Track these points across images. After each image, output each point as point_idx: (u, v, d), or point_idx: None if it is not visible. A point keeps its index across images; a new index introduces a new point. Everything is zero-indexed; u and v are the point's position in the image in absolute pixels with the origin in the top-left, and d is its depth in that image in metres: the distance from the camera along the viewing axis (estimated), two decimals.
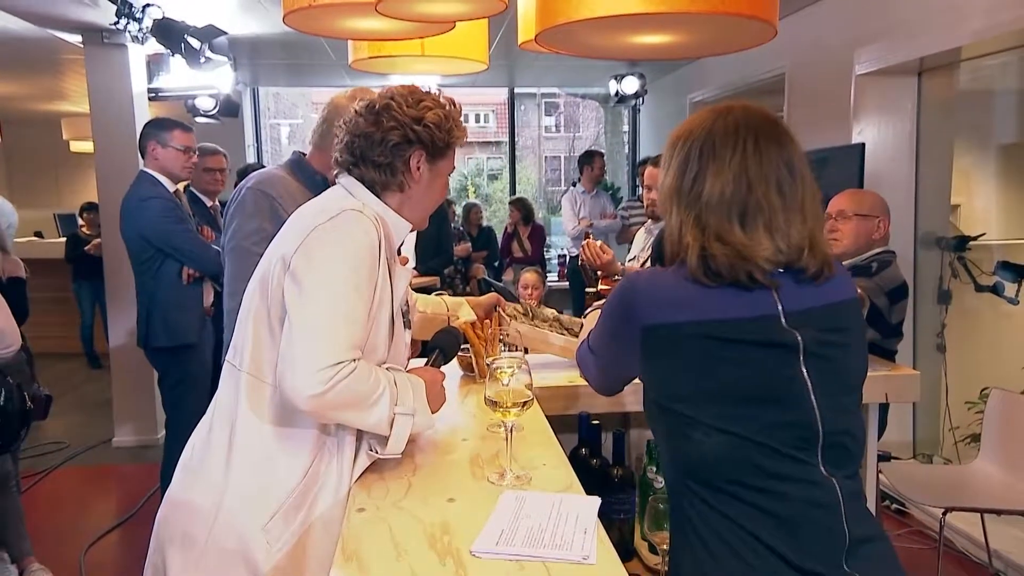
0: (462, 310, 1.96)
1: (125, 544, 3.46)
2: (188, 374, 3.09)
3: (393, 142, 1.36)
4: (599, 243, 2.99)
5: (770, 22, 1.86)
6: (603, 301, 1.58)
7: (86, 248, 6.24)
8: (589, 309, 1.67)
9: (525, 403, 1.30)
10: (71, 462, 4.42)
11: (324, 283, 1.24)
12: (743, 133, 1.10)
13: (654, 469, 1.87)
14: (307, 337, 1.20)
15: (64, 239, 6.72)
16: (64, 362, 6.55)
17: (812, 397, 1.07)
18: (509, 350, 1.73)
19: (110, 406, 4.76)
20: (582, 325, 2.01)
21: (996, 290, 3.53)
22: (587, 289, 2.58)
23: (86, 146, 7.59)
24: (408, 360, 1.51)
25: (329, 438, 1.32)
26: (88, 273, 6.13)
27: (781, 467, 1.05)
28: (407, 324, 1.48)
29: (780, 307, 1.08)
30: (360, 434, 1.34)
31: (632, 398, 1.96)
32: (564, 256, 6.65)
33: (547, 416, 1.68)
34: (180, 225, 3.05)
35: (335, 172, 1.44)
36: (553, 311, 2.18)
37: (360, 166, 1.39)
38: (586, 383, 1.98)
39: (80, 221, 6.80)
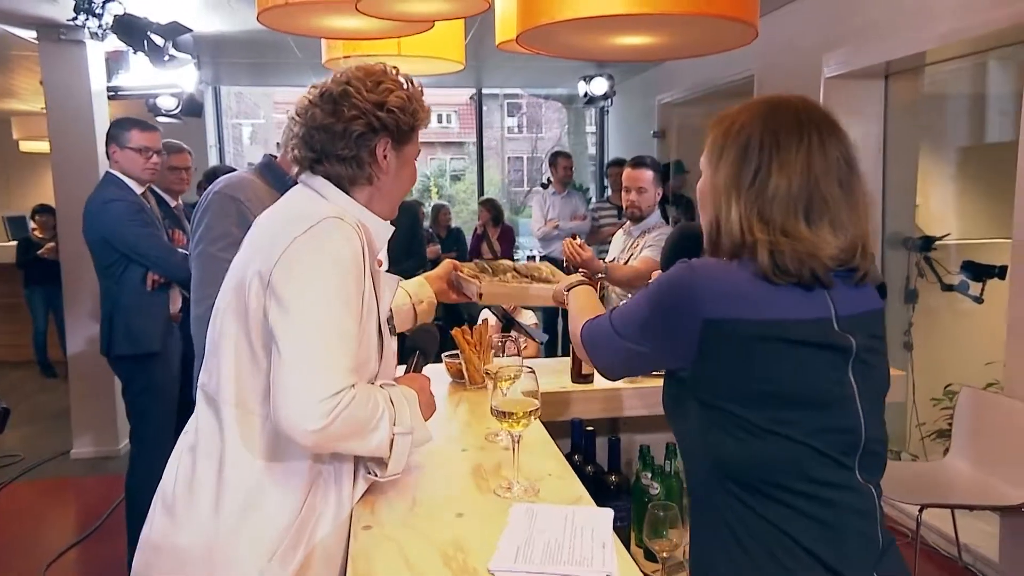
0: (422, 291, 1.85)
1: (88, 560, 3.33)
2: (153, 383, 2.98)
3: (357, 132, 1.24)
4: (579, 242, 2.97)
5: (751, 24, 1.87)
6: (581, 277, 1.59)
7: (39, 252, 6.01)
8: (570, 284, 1.56)
9: (532, 412, 1.26)
10: (27, 475, 4.24)
11: (313, 303, 1.13)
12: (807, 126, 1.05)
13: (648, 475, 1.86)
14: (302, 366, 1.10)
15: (15, 243, 6.47)
16: (16, 371, 6.31)
17: (858, 403, 1.05)
18: (503, 355, 1.70)
19: (67, 416, 4.58)
20: (539, 270, 2.00)
21: (961, 289, 3.62)
22: None
23: (37, 146, 7.34)
24: (395, 368, 1.44)
25: (325, 467, 1.23)
26: (41, 278, 5.91)
27: (827, 473, 1.04)
28: (392, 331, 1.41)
29: (833, 310, 1.05)
30: (357, 458, 1.26)
31: (630, 403, 1.95)
32: (533, 257, 6.64)
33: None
34: (145, 229, 2.94)
35: (295, 171, 1.33)
36: (508, 261, 2.12)
37: (324, 162, 1.27)
38: (577, 388, 1.95)
39: (32, 224, 6.55)
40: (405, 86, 1.29)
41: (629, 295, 3.01)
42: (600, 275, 2.91)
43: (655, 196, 3.09)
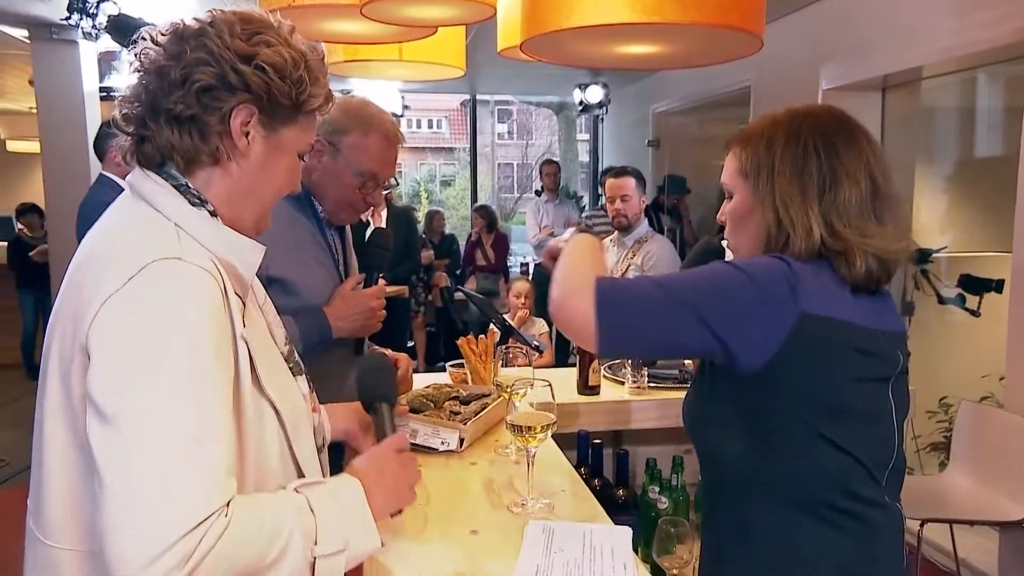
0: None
1: None
2: None
3: (201, 83, 0.88)
4: None
5: (756, 35, 1.87)
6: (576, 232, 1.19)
7: (31, 255, 5.91)
8: (571, 232, 1.21)
9: (549, 426, 1.23)
10: (12, 481, 4.16)
11: (143, 401, 0.77)
12: (854, 127, 1.04)
13: (656, 489, 1.84)
14: (134, 500, 0.75)
15: (5, 243, 6.36)
16: (1, 373, 6.20)
17: (894, 419, 1.03)
18: (507, 365, 1.67)
19: None
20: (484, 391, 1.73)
21: (957, 302, 3.63)
22: None
23: (25, 146, 7.25)
24: (316, 414, 1.07)
25: None
26: (33, 281, 5.80)
27: (866, 490, 1.01)
28: (296, 369, 1.04)
29: (899, 321, 1.05)
30: None
31: (638, 415, 1.92)
32: (527, 264, 6.63)
33: None
34: None
35: (123, 151, 0.94)
36: (447, 387, 1.80)
37: (151, 125, 0.89)
38: (583, 400, 1.81)
39: (18, 224, 6.45)
40: (297, 47, 0.94)
41: None
42: None
43: (639, 203, 3.10)
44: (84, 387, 0.80)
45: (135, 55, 0.91)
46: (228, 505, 0.78)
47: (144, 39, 0.91)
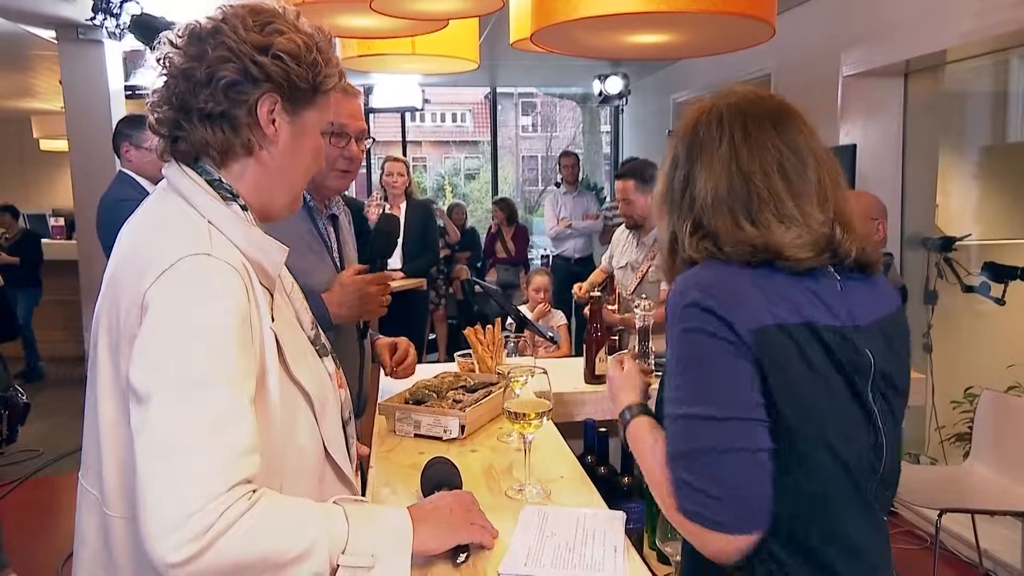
0: None
1: None
2: None
3: (226, 80, 0.92)
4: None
5: (768, 22, 1.85)
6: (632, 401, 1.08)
7: None
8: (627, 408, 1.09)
9: (544, 413, 1.25)
10: (45, 471, 4.28)
11: (171, 382, 0.83)
12: (727, 122, 0.98)
13: None
14: (158, 474, 0.80)
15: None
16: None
17: (880, 427, 0.94)
18: (519, 355, 1.69)
19: (82, 413, 4.63)
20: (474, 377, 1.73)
21: (982, 291, 3.56)
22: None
23: (57, 144, 7.42)
24: (343, 390, 1.13)
25: None
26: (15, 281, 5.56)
27: (856, 513, 0.94)
28: (322, 351, 1.09)
29: (848, 313, 0.94)
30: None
31: None
32: (547, 257, 6.63)
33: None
34: None
35: (158, 150, 0.99)
36: (449, 375, 1.82)
37: (185, 126, 0.94)
38: (589, 389, 1.90)
39: None
40: (305, 32, 0.97)
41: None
42: (620, 328, 2.87)
43: (644, 202, 3.07)
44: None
45: (157, 60, 0.96)
46: (254, 491, 0.81)
47: (163, 44, 0.96)
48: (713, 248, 0.95)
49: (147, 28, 3.85)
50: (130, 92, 4.61)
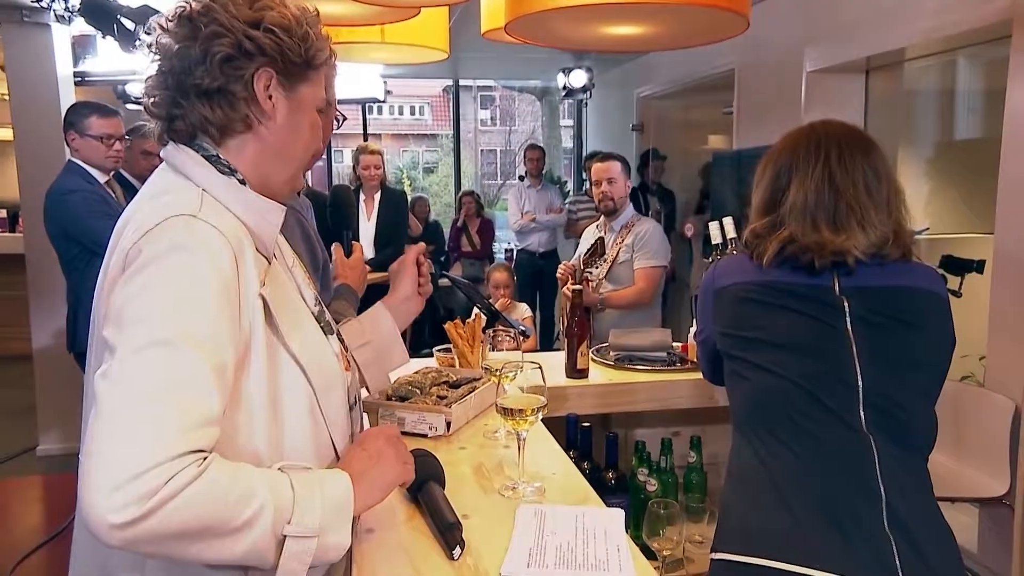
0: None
1: (57, 560, 3.22)
2: None
3: (221, 55, 0.93)
4: (569, 285, 2.74)
5: (743, 14, 1.86)
6: None
7: None
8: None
9: (540, 409, 1.22)
10: None
11: (137, 341, 0.79)
12: (825, 146, 1.27)
13: (645, 471, 1.84)
14: (108, 430, 0.76)
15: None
16: None
17: (855, 358, 1.18)
18: (495, 349, 1.66)
19: (33, 412, 4.44)
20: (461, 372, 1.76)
21: None
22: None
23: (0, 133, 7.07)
24: (350, 373, 1.12)
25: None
26: None
27: (813, 412, 1.18)
28: (328, 329, 1.08)
29: (836, 281, 1.23)
30: None
31: (625, 398, 1.92)
32: (511, 251, 6.61)
33: None
34: (107, 220, 2.81)
35: (155, 133, 1.00)
36: (432, 371, 1.77)
37: (183, 104, 0.95)
38: (571, 383, 2.02)
39: None
40: (293, 8, 0.99)
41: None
42: (599, 307, 2.89)
43: (625, 187, 3.11)
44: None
45: (149, 46, 0.97)
46: (205, 459, 0.78)
47: (154, 29, 0.97)
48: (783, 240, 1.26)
49: (99, 12, 3.69)
50: (79, 79, 4.41)
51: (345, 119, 1.20)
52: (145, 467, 0.73)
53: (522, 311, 3.62)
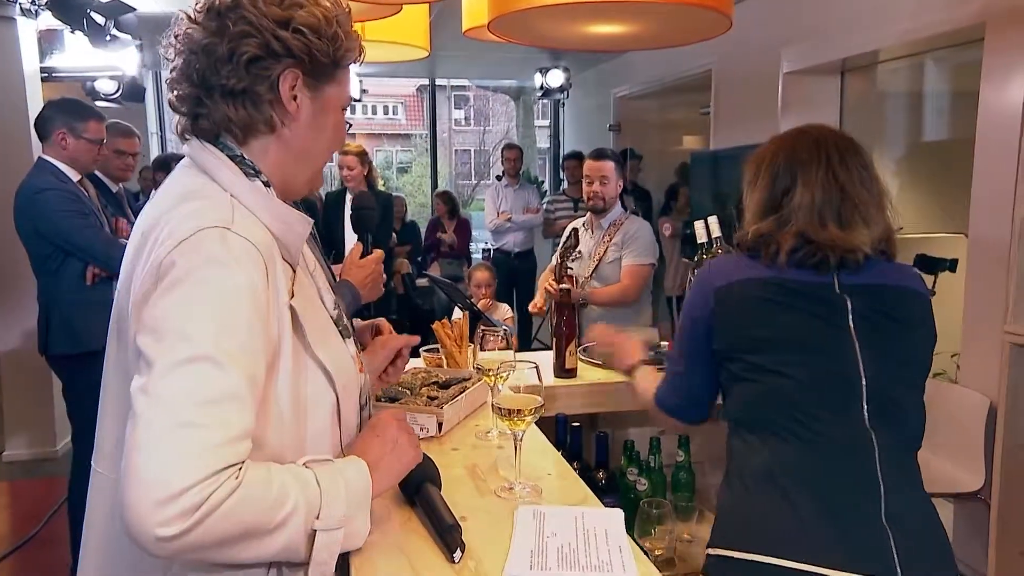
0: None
1: (27, 566, 3.13)
2: (96, 382, 2.81)
3: (248, 55, 0.91)
4: (553, 282, 2.67)
5: (726, 13, 1.86)
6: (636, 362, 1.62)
7: None
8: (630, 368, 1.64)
9: (537, 409, 1.21)
10: None
11: (176, 355, 0.80)
12: (824, 147, 1.28)
13: (635, 471, 1.83)
14: (151, 446, 0.77)
15: None
16: None
17: (858, 353, 1.20)
18: (484, 349, 1.64)
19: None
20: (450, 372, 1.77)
21: None
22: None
23: None
24: (363, 375, 1.13)
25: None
26: None
27: (814, 408, 1.19)
28: (345, 332, 1.08)
29: (836, 279, 1.24)
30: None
31: (614, 397, 1.91)
32: (489, 251, 6.59)
33: None
34: (81, 220, 2.76)
35: (178, 127, 0.99)
36: (421, 370, 1.79)
37: (207, 103, 0.94)
38: (560, 383, 1.98)
39: None
40: (325, 5, 0.96)
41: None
42: (582, 302, 2.86)
43: (616, 186, 3.07)
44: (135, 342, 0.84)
45: (175, 36, 0.95)
46: (241, 468, 0.81)
47: (182, 20, 0.95)
48: (794, 240, 1.25)
49: (67, 6, 3.60)
50: (46, 74, 4.30)
51: (351, 126, 1.18)
52: (188, 483, 0.76)
53: (503, 311, 3.60)
